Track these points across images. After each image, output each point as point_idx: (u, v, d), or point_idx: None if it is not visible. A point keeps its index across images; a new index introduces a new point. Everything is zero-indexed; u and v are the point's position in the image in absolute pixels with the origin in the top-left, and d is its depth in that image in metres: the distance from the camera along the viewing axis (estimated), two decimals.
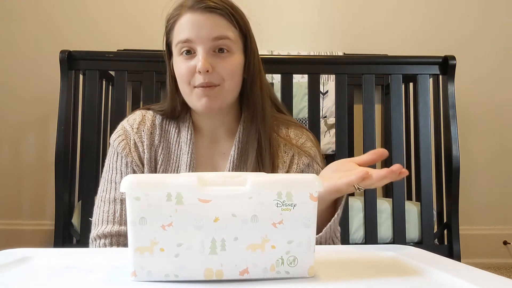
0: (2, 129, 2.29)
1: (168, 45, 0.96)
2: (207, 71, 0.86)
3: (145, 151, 0.94)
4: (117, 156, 0.94)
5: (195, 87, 0.89)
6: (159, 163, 0.95)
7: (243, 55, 0.93)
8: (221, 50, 0.89)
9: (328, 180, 0.69)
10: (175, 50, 0.91)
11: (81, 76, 1.77)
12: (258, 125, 0.94)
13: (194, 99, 0.90)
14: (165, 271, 0.47)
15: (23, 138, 2.30)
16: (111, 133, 1.00)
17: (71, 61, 1.68)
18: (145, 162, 0.94)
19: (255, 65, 0.95)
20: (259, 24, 0.97)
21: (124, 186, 0.47)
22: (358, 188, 0.68)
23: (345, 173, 0.71)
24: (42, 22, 2.34)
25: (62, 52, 1.66)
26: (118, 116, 1.65)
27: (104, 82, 1.94)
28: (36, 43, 2.33)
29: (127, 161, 0.93)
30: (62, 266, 0.55)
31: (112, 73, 1.93)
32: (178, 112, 0.97)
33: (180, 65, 0.90)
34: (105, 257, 0.62)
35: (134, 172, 0.93)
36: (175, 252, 0.47)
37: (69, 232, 1.65)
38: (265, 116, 0.95)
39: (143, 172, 0.94)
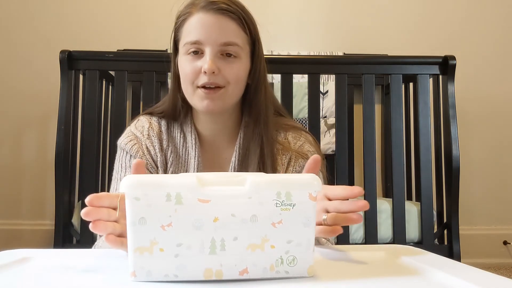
0: (2, 128, 2.29)
1: (176, 42, 0.95)
2: (213, 72, 0.86)
3: (158, 154, 0.94)
4: (130, 156, 0.93)
5: (198, 87, 0.88)
6: (169, 164, 0.95)
7: (250, 61, 0.93)
8: (228, 54, 0.88)
9: None
10: (182, 49, 0.90)
11: (81, 76, 1.77)
12: (261, 131, 0.93)
13: (196, 100, 0.89)
14: (164, 271, 0.47)
15: (23, 138, 2.30)
16: (111, 133, 0.99)
17: (71, 61, 1.68)
18: (159, 165, 0.94)
19: (261, 72, 0.94)
20: (266, 27, 0.96)
21: (123, 186, 0.47)
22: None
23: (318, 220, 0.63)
24: (42, 22, 2.34)
25: (62, 52, 1.66)
26: (118, 116, 1.65)
27: (104, 82, 1.94)
28: (36, 43, 2.32)
29: None
30: (62, 267, 0.55)
31: (112, 73, 1.92)
32: (179, 110, 0.97)
33: (185, 64, 0.89)
34: (105, 257, 0.62)
35: (150, 173, 0.92)
36: (174, 252, 0.47)
37: (69, 232, 1.65)
38: (268, 122, 0.94)
39: (158, 173, 0.94)
